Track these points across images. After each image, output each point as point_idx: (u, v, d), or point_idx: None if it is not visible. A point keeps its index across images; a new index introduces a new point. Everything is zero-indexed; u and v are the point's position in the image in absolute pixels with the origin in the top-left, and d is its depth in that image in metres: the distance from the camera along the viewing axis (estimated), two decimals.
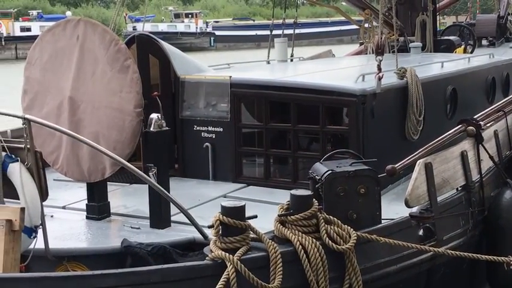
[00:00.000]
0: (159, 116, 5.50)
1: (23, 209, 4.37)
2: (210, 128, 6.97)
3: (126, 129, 5.41)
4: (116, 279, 3.76)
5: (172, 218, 5.52)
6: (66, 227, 5.52)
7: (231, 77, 6.92)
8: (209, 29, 67.63)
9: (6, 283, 3.63)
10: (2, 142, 4.54)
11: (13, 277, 3.72)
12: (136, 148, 5.69)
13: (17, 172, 4.53)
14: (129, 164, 4.74)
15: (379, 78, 6.29)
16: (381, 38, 6.87)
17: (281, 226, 4.34)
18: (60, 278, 3.76)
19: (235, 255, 3.94)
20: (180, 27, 64.59)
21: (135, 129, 5.42)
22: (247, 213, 4.10)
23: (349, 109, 6.31)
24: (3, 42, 56.31)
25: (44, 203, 4.61)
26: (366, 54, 11.18)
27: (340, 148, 5.55)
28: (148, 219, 5.54)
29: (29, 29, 58.27)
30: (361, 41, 12.36)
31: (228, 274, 3.85)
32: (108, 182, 5.84)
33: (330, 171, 4.57)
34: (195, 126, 7.03)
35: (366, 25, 11.53)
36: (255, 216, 4.17)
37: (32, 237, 4.56)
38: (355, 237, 4.27)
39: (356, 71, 7.76)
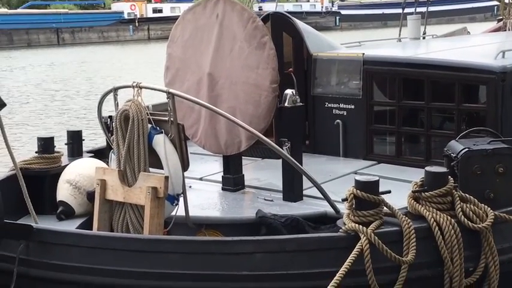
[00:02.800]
0: (294, 92, 5.64)
1: (166, 178, 4.67)
2: (341, 105, 7.01)
3: (262, 105, 5.58)
4: (254, 245, 3.95)
5: (304, 192, 5.66)
6: (204, 197, 5.80)
7: (364, 54, 6.92)
8: (335, 8, 67.07)
9: (154, 244, 3.92)
10: (148, 115, 4.85)
11: (161, 239, 4.01)
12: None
13: (161, 143, 4.81)
14: (265, 138, 4.91)
15: None
16: None
17: (415, 202, 4.35)
18: (203, 242, 4.01)
19: (369, 228, 4.01)
20: (306, 6, 64.55)
21: (270, 104, 5.57)
22: (380, 190, 4.15)
23: (488, 87, 6.12)
24: (136, 24, 58.92)
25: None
26: (505, 31, 10.69)
27: (475, 127, 5.42)
28: (280, 193, 5.70)
29: (160, 11, 60.60)
30: (499, 17, 11.81)
31: (362, 246, 3.92)
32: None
33: (467, 149, 4.50)
34: (327, 103, 7.10)
35: (507, 0, 11.00)
36: (389, 192, 4.21)
37: (174, 204, 4.85)
38: (493, 216, 4.20)
39: (494, 48, 7.46)
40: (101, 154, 6.28)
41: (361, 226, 4.01)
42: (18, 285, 3.78)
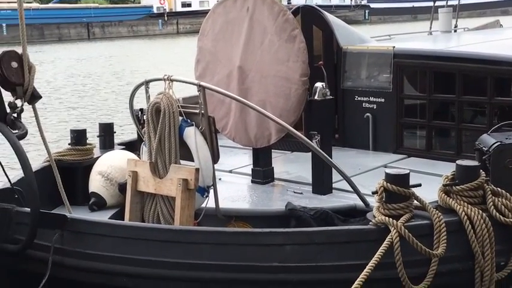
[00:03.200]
0: (324, 85, 5.64)
1: (197, 170, 4.71)
2: (371, 99, 6.99)
3: (292, 98, 5.59)
4: (283, 237, 3.97)
5: (333, 185, 5.66)
6: (234, 189, 5.84)
7: (394, 47, 6.88)
8: (364, 2, 66.56)
9: (185, 234, 3.96)
10: (179, 108, 4.89)
11: (192, 230, 4.05)
12: None
13: (192, 136, 4.84)
14: (295, 130, 4.92)
15: None
16: None
17: (446, 196, 4.32)
18: (234, 233, 4.04)
19: (399, 221, 3.99)
20: (335, 0, 64.21)
21: (300, 97, 5.59)
22: (410, 183, 4.13)
23: None
24: (165, 18, 59.24)
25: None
26: None
27: (507, 120, 5.36)
28: (310, 185, 5.72)
29: (189, 5, 60.81)
30: None
31: (392, 238, 3.91)
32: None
33: (499, 143, 4.46)
34: (356, 96, 7.09)
35: None
36: (419, 185, 4.18)
37: (204, 196, 4.90)
38: None
39: None
40: (131, 146, 6.36)
41: (391, 219, 4.00)
42: (53, 273, 3.86)
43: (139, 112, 5.68)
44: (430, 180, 5.10)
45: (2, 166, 4.02)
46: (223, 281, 3.88)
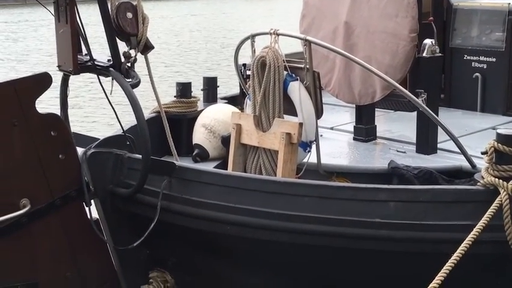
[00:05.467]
0: (433, 42, 5.46)
1: (301, 124, 4.71)
2: (481, 58, 6.72)
3: (400, 54, 5.46)
4: (387, 193, 3.92)
5: (438, 146, 5.53)
6: (335, 146, 5.82)
7: (510, 4, 6.55)
8: None
9: (290, 187, 4.00)
10: (284, 62, 4.88)
11: (296, 182, 4.08)
12: None
13: (297, 90, 4.83)
14: (402, 87, 4.82)
15: None
16: None
17: None
18: (338, 187, 4.04)
19: (510, 183, 3.85)
20: None
21: (408, 54, 5.45)
22: None
23: None
24: None
25: None
26: None
27: None
28: (413, 145, 5.61)
29: None
30: None
31: (501, 200, 3.78)
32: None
33: None
34: (465, 55, 6.84)
35: None
36: None
37: (306, 151, 4.90)
38: None
39: None
40: (234, 101, 6.44)
41: (501, 181, 3.86)
42: (161, 218, 4.01)
43: (243, 67, 5.72)
44: None
45: (116, 114, 4.18)
46: (324, 234, 3.90)
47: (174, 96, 5.97)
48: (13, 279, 3.72)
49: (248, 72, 5.52)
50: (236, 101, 6.43)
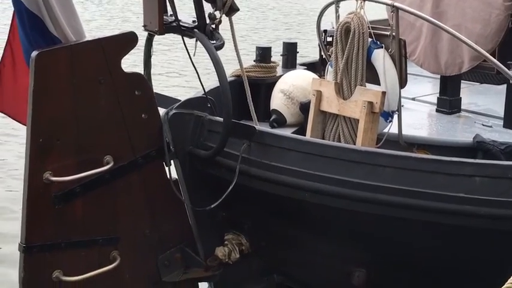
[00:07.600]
0: None
1: (383, 93, 4.60)
2: None
3: (492, 24, 5.23)
4: (473, 168, 3.76)
5: None
6: (417, 117, 5.67)
7: None
8: None
9: (370, 156, 3.91)
10: (369, 29, 4.75)
11: (377, 152, 3.98)
12: None
13: (381, 58, 4.71)
14: (493, 58, 4.61)
15: None
16: None
17: None
18: (420, 159, 3.91)
19: None
20: None
21: (501, 23, 5.21)
22: None
23: None
24: None
25: None
26: None
27: None
28: (501, 119, 5.40)
29: None
30: None
31: None
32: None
33: None
34: None
35: None
36: None
37: (387, 121, 4.79)
38: None
39: None
40: (313, 68, 6.34)
41: None
42: (239, 181, 4.00)
43: (323, 33, 5.61)
44: None
45: (198, 75, 4.17)
46: (404, 207, 3.80)
47: (254, 61, 5.93)
48: (95, 234, 3.80)
49: (329, 39, 5.41)
50: (315, 67, 6.33)
